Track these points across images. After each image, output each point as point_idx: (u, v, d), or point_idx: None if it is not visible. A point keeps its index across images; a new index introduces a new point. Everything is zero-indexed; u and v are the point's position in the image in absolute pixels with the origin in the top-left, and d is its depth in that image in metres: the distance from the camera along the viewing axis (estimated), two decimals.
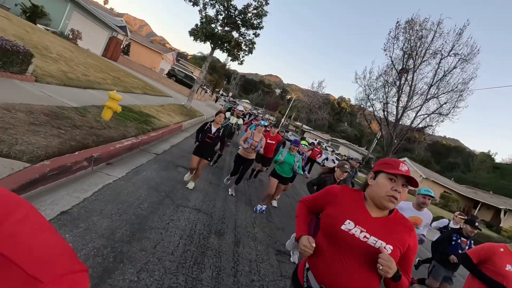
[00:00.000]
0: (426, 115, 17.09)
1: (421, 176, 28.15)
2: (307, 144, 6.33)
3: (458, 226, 5.07)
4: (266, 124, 5.98)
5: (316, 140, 45.13)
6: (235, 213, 4.47)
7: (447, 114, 16.99)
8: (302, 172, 5.41)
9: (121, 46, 25.38)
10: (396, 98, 17.53)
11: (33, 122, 3.63)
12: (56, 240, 0.44)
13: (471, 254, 2.85)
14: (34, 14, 15.57)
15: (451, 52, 15.70)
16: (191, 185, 4.62)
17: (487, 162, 62.79)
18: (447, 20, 16.03)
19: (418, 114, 17.43)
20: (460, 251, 3.99)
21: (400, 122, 18.29)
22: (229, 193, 5.27)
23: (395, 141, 18.03)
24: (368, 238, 1.28)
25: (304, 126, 59.73)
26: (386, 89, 18.79)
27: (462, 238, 4.09)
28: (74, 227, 2.46)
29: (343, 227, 1.32)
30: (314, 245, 1.38)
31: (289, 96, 79.61)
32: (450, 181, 33.06)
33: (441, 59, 16.14)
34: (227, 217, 4.18)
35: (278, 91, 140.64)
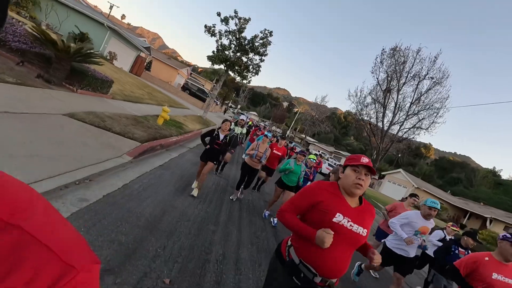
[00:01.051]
0: (408, 129, 19.79)
1: (413, 185, 30.30)
2: (315, 158, 6.01)
3: (450, 237, 5.25)
4: (270, 135, 6.17)
5: (319, 151, 47.81)
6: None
7: (427, 129, 19.64)
8: (303, 183, 5.45)
9: (145, 63, 29.06)
10: (382, 114, 20.29)
11: (131, 123, 6.57)
12: (75, 233, 0.43)
13: (458, 265, 2.82)
14: (81, 40, 19.18)
15: (427, 75, 18.56)
16: (195, 192, 4.72)
17: (488, 178, 63.97)
18: (424, 48, 18.92)
19: (401, 128, 20.13)
20: None
21: (390, 132, 20.96)
22: (230, 198, 5.50)
23: (382, 151, 20.65)
24: (352, 226, 1.57)
25: (308, 138, 62.52)
26: (375, 106, 21.58)
27: (460, 249, 4.16)
28: (167, 170, 5.32)
29: (334, 219, 1.57)
30: (332, 232, 1.51)
31: (296, 110, 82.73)
32: (443, 192, 35.04)
33: (418, 82, 18.98)
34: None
35: (285, 104, 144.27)
